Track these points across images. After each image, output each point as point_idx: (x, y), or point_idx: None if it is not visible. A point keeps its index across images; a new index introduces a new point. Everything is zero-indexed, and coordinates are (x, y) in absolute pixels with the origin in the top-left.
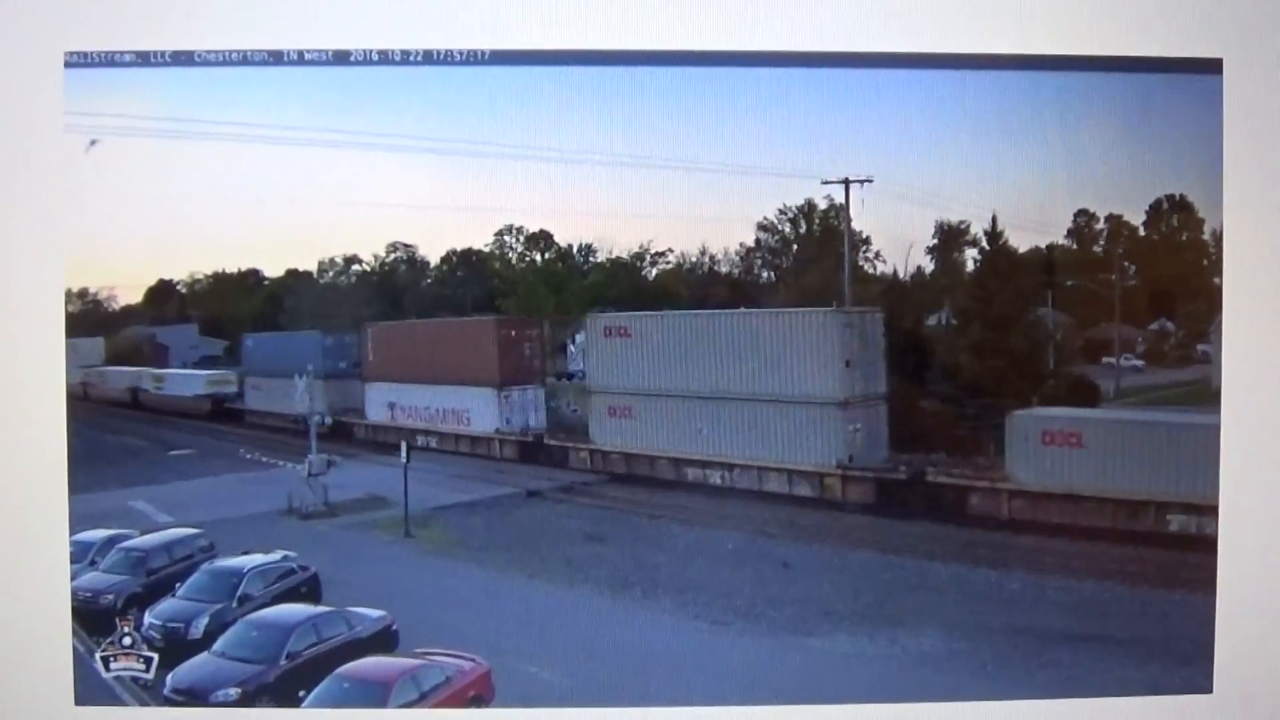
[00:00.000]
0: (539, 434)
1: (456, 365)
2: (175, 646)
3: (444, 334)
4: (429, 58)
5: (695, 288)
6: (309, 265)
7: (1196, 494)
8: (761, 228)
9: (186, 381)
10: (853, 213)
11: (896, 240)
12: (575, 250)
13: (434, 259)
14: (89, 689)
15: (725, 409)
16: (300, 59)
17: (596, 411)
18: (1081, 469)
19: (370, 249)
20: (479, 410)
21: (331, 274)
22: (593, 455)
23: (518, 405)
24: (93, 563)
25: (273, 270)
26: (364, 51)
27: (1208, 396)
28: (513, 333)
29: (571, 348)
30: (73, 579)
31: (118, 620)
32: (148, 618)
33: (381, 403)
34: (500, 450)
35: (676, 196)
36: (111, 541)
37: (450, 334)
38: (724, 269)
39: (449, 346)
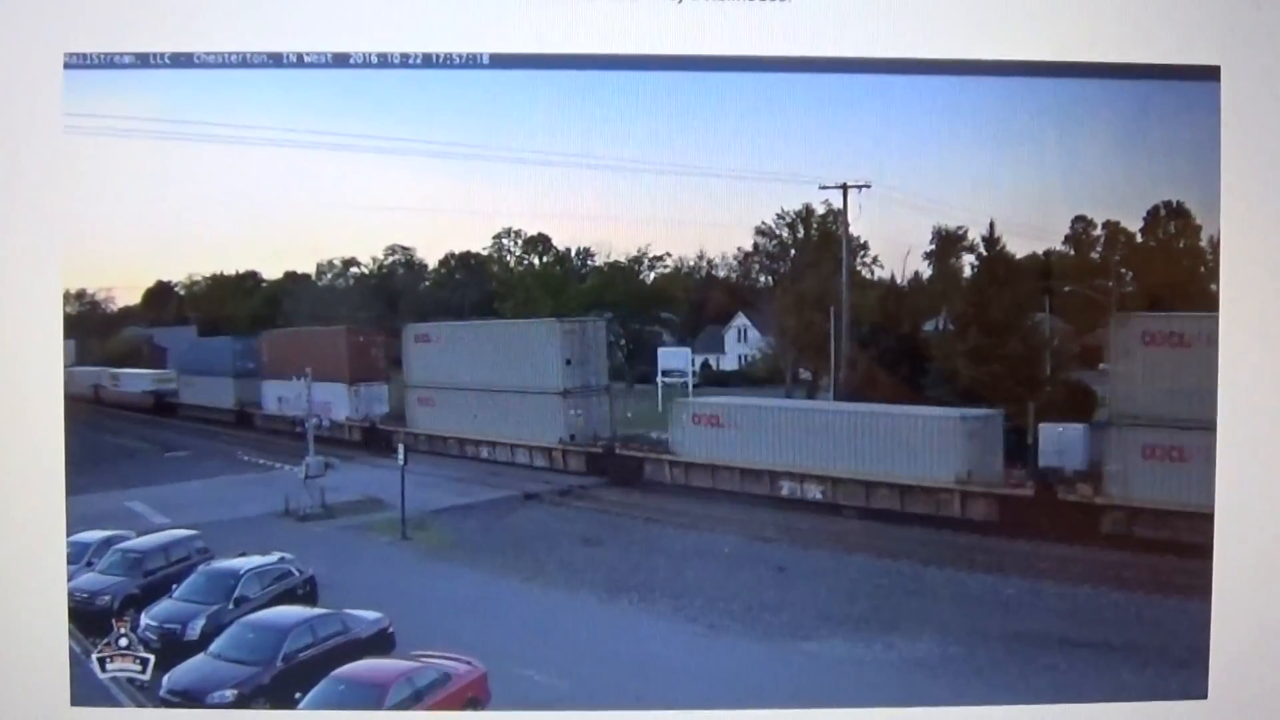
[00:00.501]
0: (375, 421)
1: (321, 364)
2: (172, 648)
3: (312, 339)
4: (428, 61)
5: (693, 292)
6: (307, 268)
7: (801, 465)
8: (759, 232)
9: (136, 380)
10: (851, 218)
11: (894, 246)
12: (573, 254)
13: (432, 262)
14: (85, 690)
15: (490, 398)
16: (300, 61)
17: (410, 402)
18: (719, 444)
19: (369, 251)
20: (336, 401)
21: (330, 276)
22: (407, 437)
23: (365, 398)
24: (90, 564)
25: (271, 272)
26: (363, 54)
27: None
28: (360, 338)
29: None
30: (70, 580)
31: (114, 621)
32: (144, 619)
33: (273, 396)
34: (349, 434)
35: (675, 201)
36: (108, 542)
37: (316, 338)
38: (722, 273)
39: (316, 349)
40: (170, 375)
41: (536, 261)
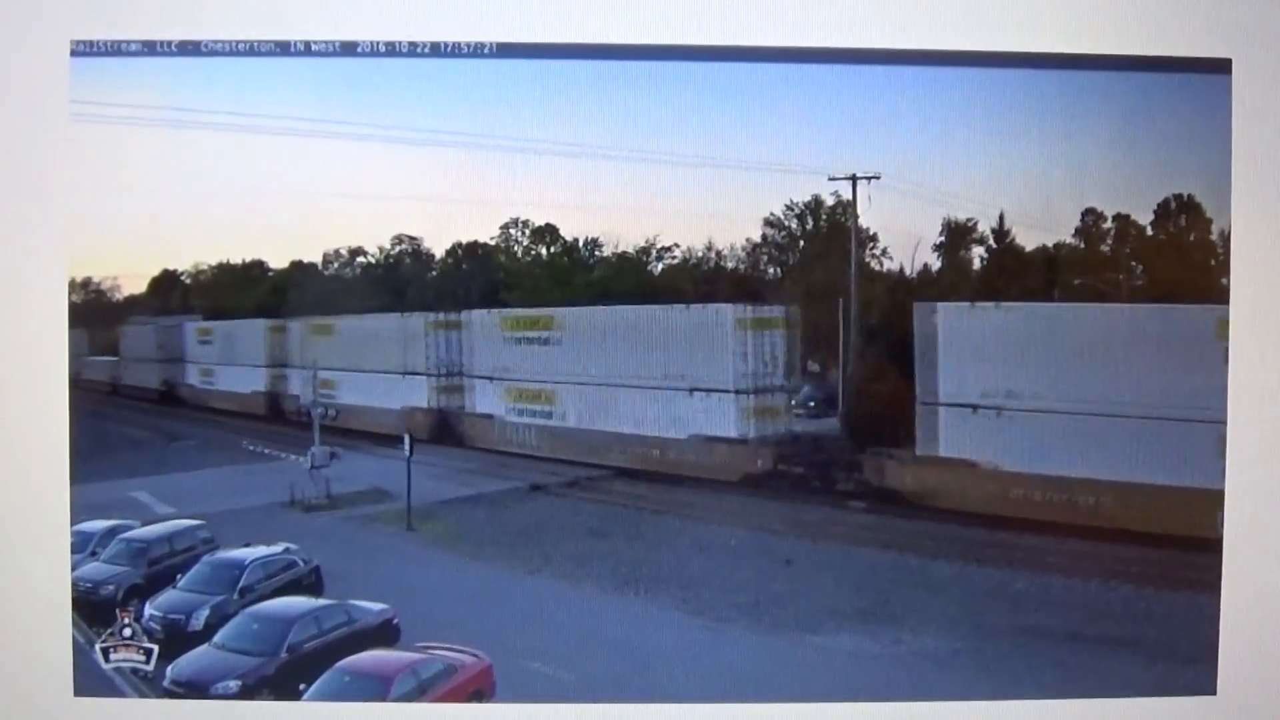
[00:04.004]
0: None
1: None
2: (175, 638)
3: None
4: (436, 50)
5: (701, 283)
6: (314, 257)
7: None
8: (768, 224)
9: None
10: (860, 210)
11: (903, 237)
12: (581, 244)
13: (439, 252)
14: (88, 680)
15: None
16: (307, 50)
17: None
18: None
19: (375, 241)
20: None
21: (336, 266)
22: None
23: None
24: (93, 553)
25: (277, 262)
26: (371, 43)
27: None
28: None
29: None
30: (73, 569)
31: (118, 611)
32: (148, 609)
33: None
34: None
35: (683, 192)
36: (113, 532)
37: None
38: (730, 265)
39: None
40: None
41: (544, 251)
